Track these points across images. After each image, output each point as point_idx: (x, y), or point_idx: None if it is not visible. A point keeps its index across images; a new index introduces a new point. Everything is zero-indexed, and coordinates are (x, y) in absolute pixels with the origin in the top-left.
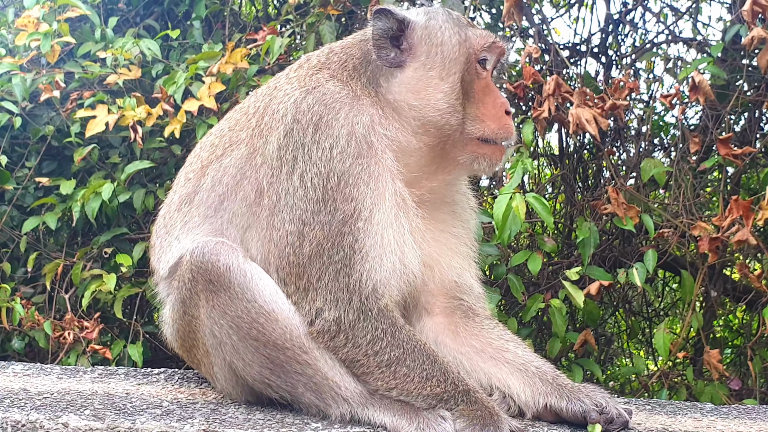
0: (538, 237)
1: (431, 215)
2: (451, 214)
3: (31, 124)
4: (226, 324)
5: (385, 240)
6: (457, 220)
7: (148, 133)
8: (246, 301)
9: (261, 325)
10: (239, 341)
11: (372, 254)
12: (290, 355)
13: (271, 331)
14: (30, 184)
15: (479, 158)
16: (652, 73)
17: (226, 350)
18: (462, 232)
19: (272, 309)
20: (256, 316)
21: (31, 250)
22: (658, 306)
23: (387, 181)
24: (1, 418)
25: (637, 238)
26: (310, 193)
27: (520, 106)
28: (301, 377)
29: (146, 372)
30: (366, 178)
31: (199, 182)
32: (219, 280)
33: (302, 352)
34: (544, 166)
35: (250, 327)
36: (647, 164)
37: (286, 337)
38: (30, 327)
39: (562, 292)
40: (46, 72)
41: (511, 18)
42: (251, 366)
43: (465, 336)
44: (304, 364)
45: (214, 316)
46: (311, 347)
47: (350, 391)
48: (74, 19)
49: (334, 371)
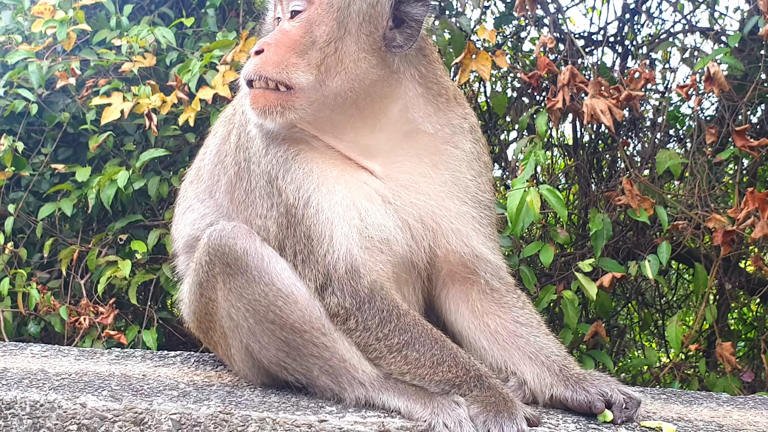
0: (551, 228)
1: (414, 171)
2: (435, 168)
3: (47, 111)
4: (243, 307)
5: (334, 217)
6: (450, 176)
7: (163, 121)
8: (263, 285)
9: (279, 308)
10: (256, 324)
11: (326, 235)
12: (307, 338)
13: (289, 313)
14: (46, 171)
15: None
16: (668, 64)
17: (242, 333)
18: (457, 191)
19: (291, 291)
20: (274, 299)
21: (47, 236)
22: (671, 298)
23: (312, 159)
24: (20, 398)
25: (651, 230)
26: (257, 191)
27: (534, 97)
28: (318, 360)
29: (162, 354)
30: (290, 165)
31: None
32: (236, 263)
33: (321, 335)
34: (557, 157)
35: (267, 310)
36: (662, 155)
37: (305, 319)
38: (46, 312)
39: (575, 284)
40: (62, 59)
41: (523, 8)
42: (267, 349)
43: (482, 314)
44: (322, 347)
45: (231, 299)
46: (330, 329)
47: (367, 375)
48: (90, 7)
49: (351, 353)
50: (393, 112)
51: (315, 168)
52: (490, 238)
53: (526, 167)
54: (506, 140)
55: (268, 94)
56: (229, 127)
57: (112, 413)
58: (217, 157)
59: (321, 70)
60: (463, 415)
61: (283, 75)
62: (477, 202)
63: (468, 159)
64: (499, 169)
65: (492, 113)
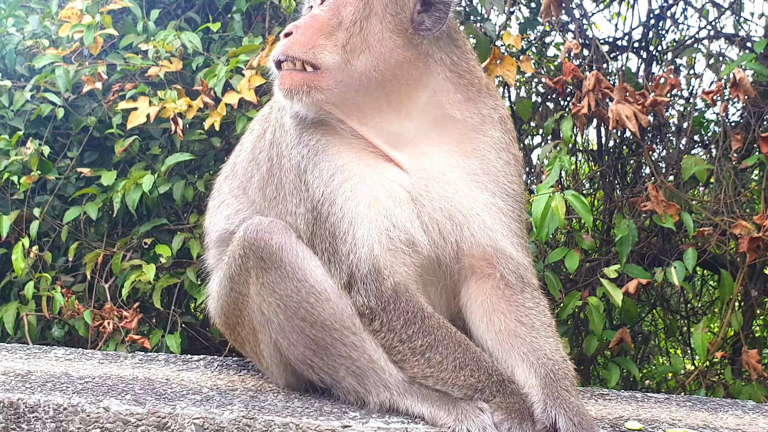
0: (576, 234)
1: (442, 161)
2: (464, 156)
3: (73, 115)
4: (274, 302)
5: (357, 217)
6: (479, 164)
7: (189, 125)
8: (297, 281)
9: (311, 305)
10: (286, 320)
11: (350, 234)
12: (337, 336)
13: (321, 311)
14: (72, 175)
15: None
16: (693, 69)
17: (272, 328)
18: (487, 181)
19: (324, 288)
20: (306, 295)
21: (71, 239)
22: (696, 304)
23: (339, 152)
24: (44, 402)
25: (676, 236)
26: (287, 187)
27: (558, 102)
28: (345, 360)
29: (186, 359)
30: (318, 158)
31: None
32: (271, 258)
33: (351, 333)
34: (582, 162)
35: (298, 307)
36: (688, 161)
37: (336, 317)
38: (70, 316)
39: (600, 290)
40: (89, 63)
41: (549, 14)
42: (295, 346)
43: (491, 311)
44: (351, 346)
45: (264, 294)
46: (360, 328)
47: (393, 378)
48: (117, 12)
49: (378, 354)
50: (422, 98)
51: (341, 162)
52: (515, 233)
53: (552, 173)
54: (530, 145)
55: (295, 74)
56: (265, 126)
57: (135, 417)
58: (251, 154)
59: (347, 49)
60: (487, 422)
61: (310, 55)
62: (506, 194)
63: (497, 147)
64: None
65: (517, 118)
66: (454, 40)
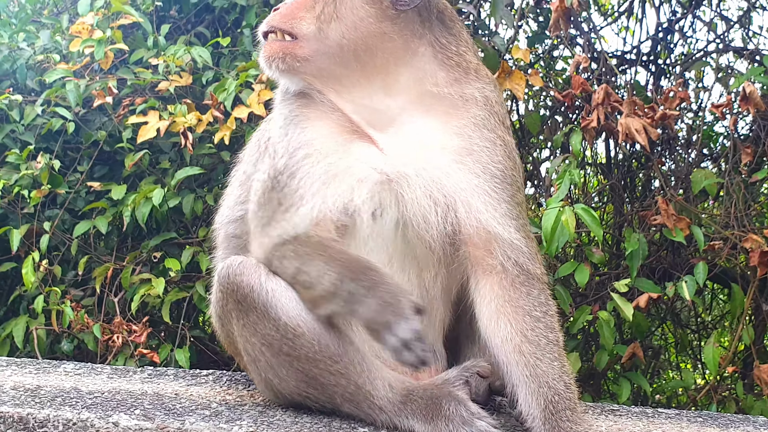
0: (585, 248)
1: (424, 140)
2: (446, 135)
3: (83, 129)
4: (257, 342)
5: (309, 191)
6: (461, 143)
7: (198, 140)
8: (273, 319)
9: (290, 340)
10: (272, 357)
11: (294, 207)
12: (323, 367)
13: (300, 346)
14: (82, 189)
15: None
16: (701, 83)
17: (261, 366)
18: (471, 162)
19: (297, 324)
20: (284, 332)
21: (81, 253)
22: (707, 319)
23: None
24: (53, 417)
25: (686, 250)
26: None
27: (567, 115)
28: (337, 388)
29: (195, 373)
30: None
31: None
32: (245, 300)
33: (333, 363)
34: (591, 176)
35: (280, 344)
36: (698, 175)
37: (315, 349)
38: (79, 329)
39: (610, 304)
40: (100, 78)
41: (558, 28)
42: (287, 381)
43: (497, 314)
44: (337, 375)
45: (246, 334)
46: (340, 354)
47: (385, 400)
48: (127, 27)
49: (364, 378)
50: (403, 75)
51: (310, 136)
52: (508, 216)
53: (561, 186)
54: (539, 158)
55: (275, 43)
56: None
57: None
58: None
59: (321, 19)
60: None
61: (289, 25)
62: (491, 175)
63: (479, 125)
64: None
65: (525, 131)
66: (447, 26)
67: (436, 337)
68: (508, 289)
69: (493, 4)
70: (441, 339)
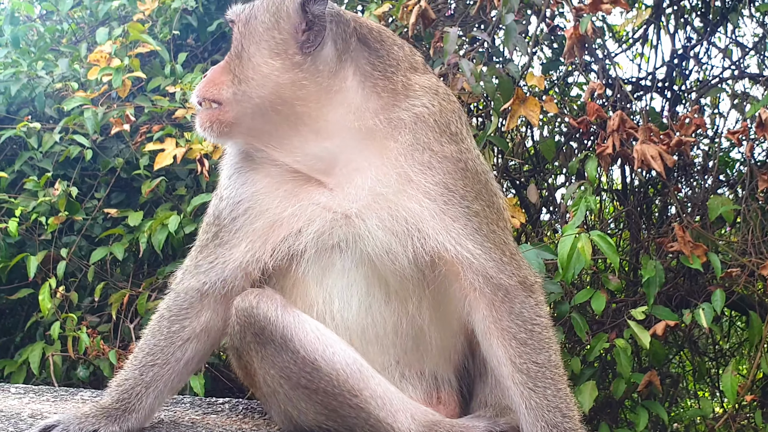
0: (602, 275)
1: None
2: (384, 168)
3: (101, 156)
4: (276, 374)
5: (251, 232)
6: (396, 173)
7: (214, 166)
8: (290, 353)
9: (308, 373)
10: (291, 390)
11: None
12: (341, 400)
13: (318, 379)
14: (99, 215)
15: None
16: (717, 109)
17: (280, 398)
18: (410, 188)
19: (314, 358)
20: (302, 365)
21: (98, 279)
22: (724, 346)
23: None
24: None
25: (703, 277)
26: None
27: (582, 141)
28: (357, 421)
29: (211, 401)
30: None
31: None
32: (263, 333)
33: (352, 396)
34: (607, 202)
35: (299, 377)
36: (714, 201)
37: (333, 383)
38: (95, 356)
39: (627, 332)
40: (117, 106)
41: (572, 54)
42: (306, 413)
43: (495, 342)
44: (356, 408)
45: (265, 367)
46: (360, 388)
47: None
48: (145, 55)
49: (384, 412)
50: (332, 116)
51: (252, 190)
52: (463, 233)
53: (577, 213)
54: (554, 184)
55: (204, 112)
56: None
57: None
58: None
59: (236, 81)
60: None
61: (212, 92)
62: (434, 197)
63: (409, 152)
64: (547, 214)
65: (540, 158)
66: (372, 49)
67: (437, 364)
68: (491, 309)
69: (507, 31)
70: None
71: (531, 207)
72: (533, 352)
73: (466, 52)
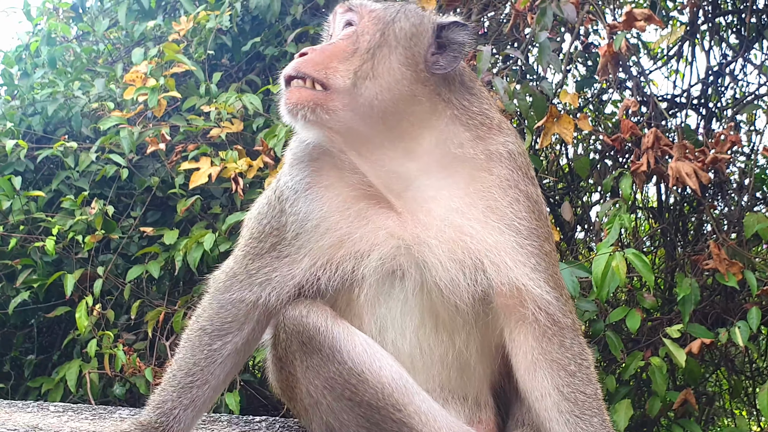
0: (637, 293)
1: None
2: (469, 197)
3: (137, 175)
4: (320, 384)
5: (314, 249)
6: (484, 204)
7: (249, 185)
8: (337, 363)
9: (353, 386)
10: (334, 401)
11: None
12: (385, 414)
13: (363, 391)
14: (135, 234)
15: None
16: (753, 126)
17: (322, 409)
18: (494, 219)
19: (361, 370)
20: (348, 377)
21: (134, 297)
22: (761, 365)
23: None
24: None
25: (739, 295)
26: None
27: (617, 159)
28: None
29: (248, 420)
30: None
31: None
32: (310, 342)
33: (396, 411)
34: (642, 220)
35: (343, 388)
36: (750, 219)
37: (378, 396)
38: (131, 373)
39: (663, 350)
40: (153, 125)
41: (606, 72)
42: (348, 426)
43: (534, 367)
44: (399, 423)
45: (309, 377)
46: (405, 404)
47: None
48: (180, 75)
49: (427, 428)
50: (426, 139)
51: (324, 210)
52: (537, 269)
53: (611, 231)
54: (589, 202)
55: (304, 91)
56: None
57: None
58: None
59: (357, 75)
60: None
61: (322, 74)
62: (515, 231)
63: (503, 186)
64: (582, 232)
65: (575, 175)
66: (467, 87)
67: (479, 390)
68: (541, 341)
69: (540, 49)
70: (486, 389)
71: (565, 225)
72: (581, 384)
73: (500, 70)
